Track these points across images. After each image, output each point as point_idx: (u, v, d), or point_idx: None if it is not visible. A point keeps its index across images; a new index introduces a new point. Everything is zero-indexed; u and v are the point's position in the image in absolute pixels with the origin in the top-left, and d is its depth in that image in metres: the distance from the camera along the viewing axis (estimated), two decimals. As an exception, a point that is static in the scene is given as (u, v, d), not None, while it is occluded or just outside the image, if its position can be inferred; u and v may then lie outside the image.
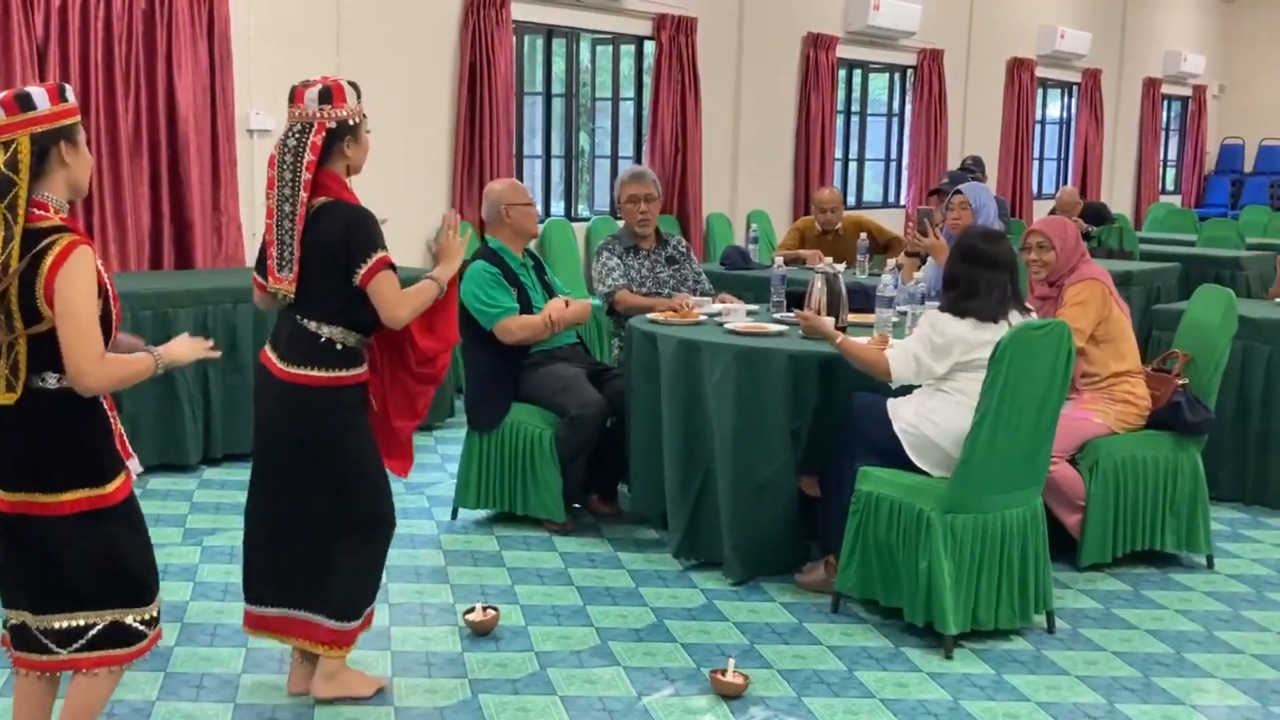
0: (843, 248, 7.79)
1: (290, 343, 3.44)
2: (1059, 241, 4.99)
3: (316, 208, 3.39)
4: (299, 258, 3.38)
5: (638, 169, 6.14)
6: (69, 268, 2.66)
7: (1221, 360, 4.92)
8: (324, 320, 3.42)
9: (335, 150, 3.41)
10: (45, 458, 2.76)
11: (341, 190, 3.44)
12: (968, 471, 4.03)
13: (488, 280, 5.18)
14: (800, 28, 11.09)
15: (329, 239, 3.38)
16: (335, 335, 3.42)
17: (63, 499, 2.76)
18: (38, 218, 2.73)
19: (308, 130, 3.37)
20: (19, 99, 2.74)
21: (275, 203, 3.38)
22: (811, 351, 4.60)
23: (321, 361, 3.41)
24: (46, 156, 2.75)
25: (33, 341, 2.70)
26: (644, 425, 4.94)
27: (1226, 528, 5.46)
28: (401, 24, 7.96)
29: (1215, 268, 9.04)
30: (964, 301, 4.22)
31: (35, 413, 2.75)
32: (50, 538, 2.78)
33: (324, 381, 3.41)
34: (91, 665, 2.87)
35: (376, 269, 3.38)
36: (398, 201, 7.98)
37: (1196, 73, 17.50)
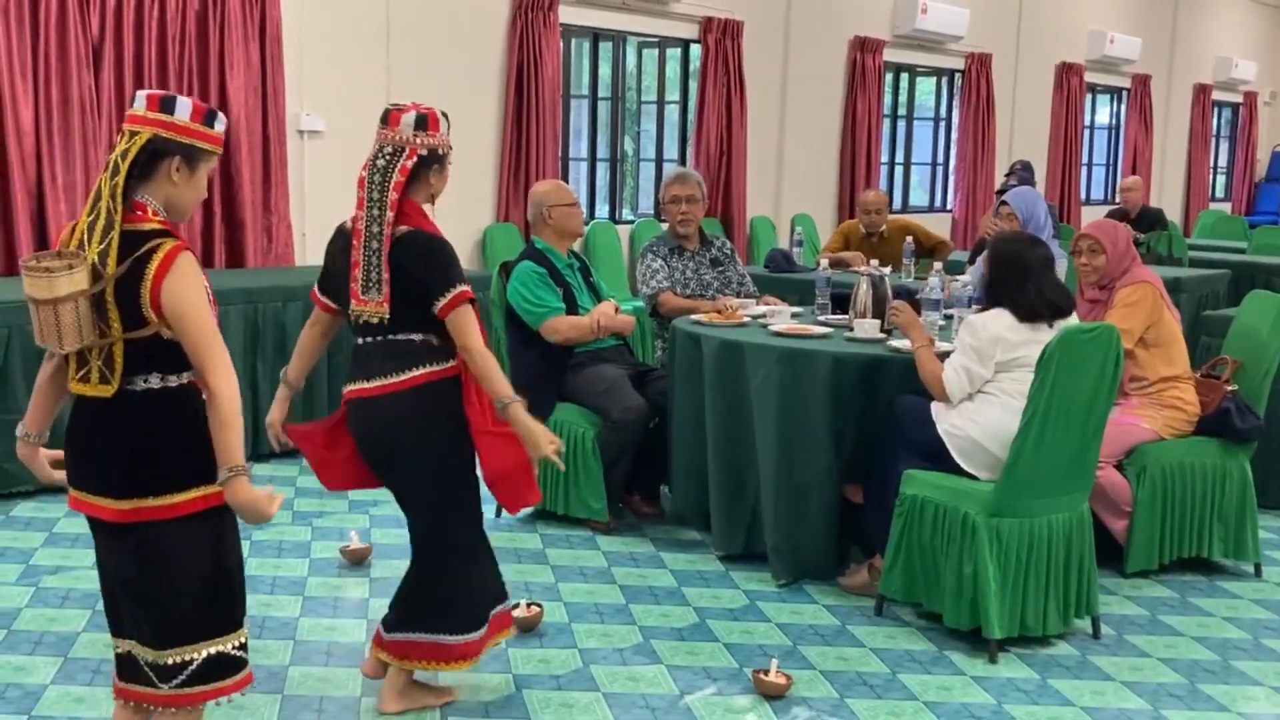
0: (888, 250, 7.78)
1: (387, 358, 3.41)
2: (1109, 245, 4.96)
3: (400, 234, 3.36)
4: (389, 279, 3.34)
5: (682, 170, 6.15)
6: (180, 275, 2.59)
7: (1271, 367, 4.87)
8: (414, 331, 3.40)
9: (422, 177, 3.41)
10: (158, 458, 2.66)
11: (421, 219, 3.42)
12: (1013, 476, 4.01)
13: (535, 280, 5.21)
14: (847, 31, 11.07)
15: (414, 267, 3.35)
16: (429, 339, 3.40)
17: (178, 500, 2.66)
18: (137, 218, 2.66)
19: (399, 154, 3.37)
20: (164, 100, 2.70)
21: (365, 224, 3.36)
22: (855, 354, 4.60)
23: (425, 360, 3.39)
24: (157, 163, 2.68)
25: (131, 344, 2.63)
26: (687, 426, 4.96)
27: (1275, 536, 5.40)
28: (450, 27, 8.03)
29: (1266, 275, 8.95)
30: (1003, 301, 4.22)
31: (140, 414, 2.67)
32: (169, 545, 2.68)
33: (434, 376, 3.39)
34: (199, 700, 2.76)
35: (457, 302, 3.35)
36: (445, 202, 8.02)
37: (1248, 79, 17.32)
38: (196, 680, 2.75)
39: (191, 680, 2.74)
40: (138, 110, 2.70)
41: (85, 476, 2.72)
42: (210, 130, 2.73)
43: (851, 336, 4.88)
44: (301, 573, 4.63)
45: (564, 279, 5.31)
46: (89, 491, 2.71)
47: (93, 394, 2.68)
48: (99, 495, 2.70)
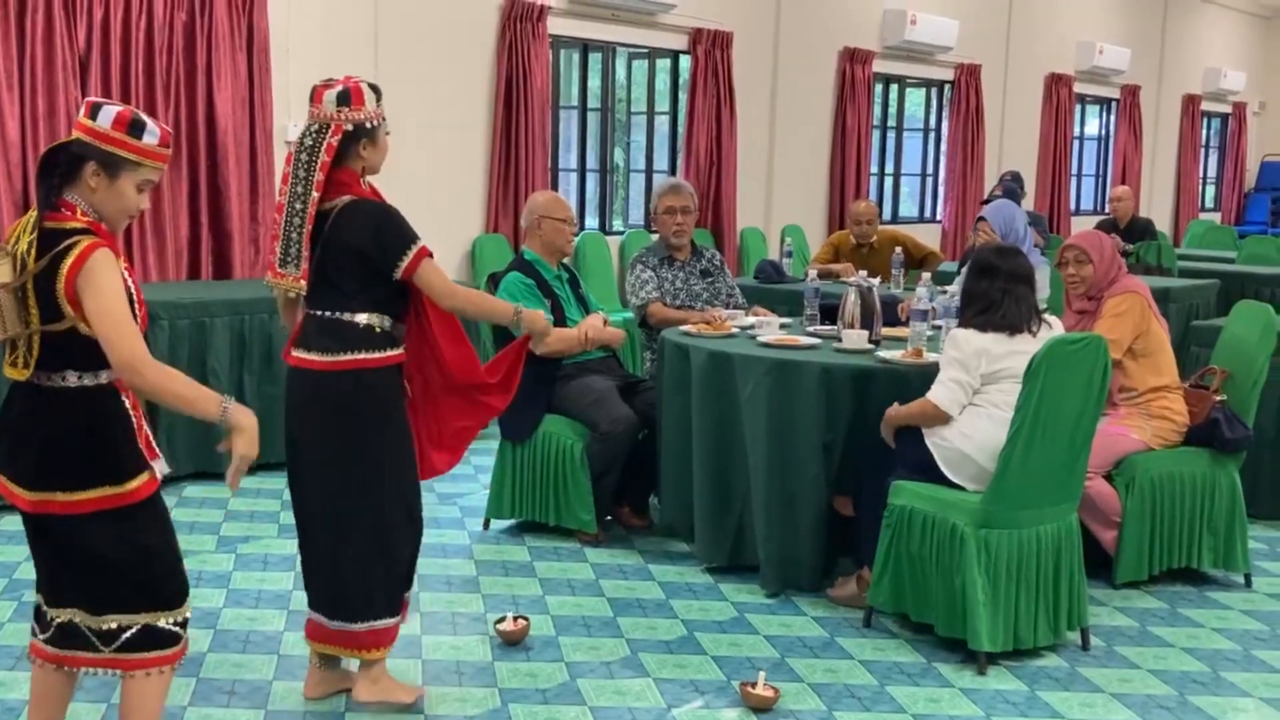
0: (877, 261, 7.77)
1: (325, 333, 3.45)
2: (1096, 255, 4.95)
3: (339, 206, 3.42)
4: (309, 256, 3.40)
5: (675, 181, 6.14)
6: (90, 268, 2.67)
7: (1260, 377, 4.86)
8: (358, 310, 3.44)
9: (351, 152, 3.44)
10: (64, 455, 2.76)
11: (359, 189, 3.46)
12: (1002, 487, 4.00)
13: (522, 291, 5.19)
14: (837, 42, 11.08)
15: (357, 238, 3.40)
16: (372, 320, 3.44)
17: (81, 497, 2.76)
18: (64, 217, 2.76)
19: (324, 131, 3.41)
20: (93, 106, 2.80)
21: (287, 199, 3.41)
22: (844, 365, 4.59)
23: (362, 345, 3.43)
24: (78, 167, 2.77)
25: (50, 338, 2.72)
26: (675, 438, 4.94)
27: (1265, 546, 5.39)
28: (439, 37, 8.02)
29: (1255, 285, 8.97)
30: (982, 315, 4.22)
31: (54, 411, 2.76)
32: (77, 536, 2.79)
33: (367, 364, 3.42)
34: (133, 666, 2.88)
35: (419, 259, 3.42)
36: (434, 213, 8.02)
37: (1236, 89, 17.37)
38: (134, 647, 2.87)
39: (128, 646, 2.86)
40: (78, 115, 2.82)
41: (6, 462, 2.83)
42: (134, 140, 2.80)
43: (840, 347, 4.86)
44: (287, 586, 4.60)
45: (552, 290, 5.30)
46: (8, 478, 2.83)
47: (15, 377, 2.79)
48: (15, 483, 2.82)
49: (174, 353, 5.78)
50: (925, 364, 4.55)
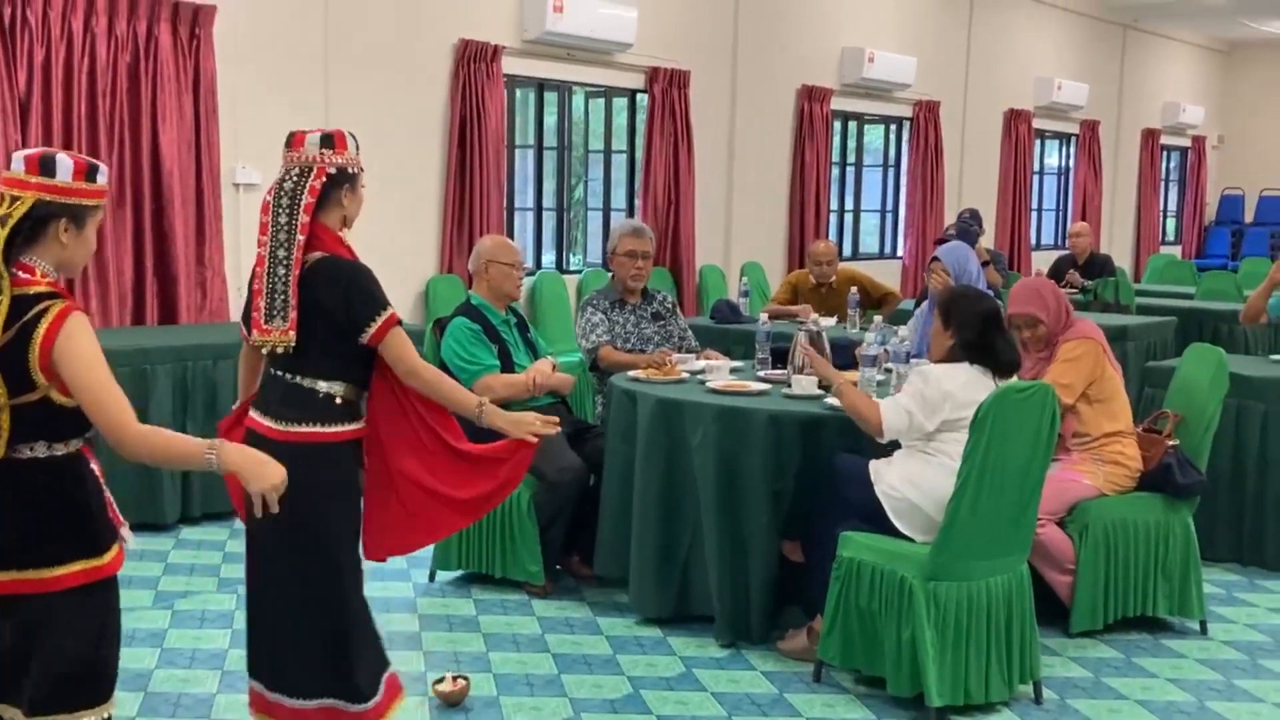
0: (836, 301, 7.73)
1: (285, 401, 3.28)
2: (1044, 313, 4.87)
3: (312, 262, 3.24)
4: (296, 304, 3.21)
5: (636, 224, 6.07)
6: (69, 335, 2.52)
7: (1212, 421, 4.82)
8: (321, 377, 3.27)
9: (333, 199, 3.28)
10: (38, 530, 2.58)
11: (336, 245, 3.29)
12: (950, 538, 3.92)
13: (468, 337, 5.10)
14: (794, 80, 11.09)
15: (328, 298, 3.23)
16: (335, 390, 3.28)
17: (58, 573, 2.58)
18: (23, 281, 2.59)
19: (306, 174, 3.24)
20: (42, 161, 2.63)
21: (268, 249, 3.23)
22: (792, 412, 4.52)
23: (321, 417, 3.26)
24: (44, 226, 2.61)
25: (19, 410, 2.55)
26: (616, 487, 4.85)
27: (1222, 590, 5.34)
28: (391, 77, 7.95)
29: (1214, 321, 8.97)
30: (954, 355, 4.15)
31: (24, 484, 2.59)
32: (45, 618, 2.59)
33: (324, 438, 3.26)
34: None
35: (387, 327, 3.25)
36: (387, 254, 7.93)
37: (1195, 123, 17.52)
38: None
39: None
40: (16, 173, 2.61)
41: None
42: (93, 186, 2.66)
43: (789, 393, 4.79)
44: (223, 644, 4.47)
45: (499, 335, 5.21)
46: None
47: None
48: None
49: (113, 401, 5.64)
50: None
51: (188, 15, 6.84)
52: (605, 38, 8.98)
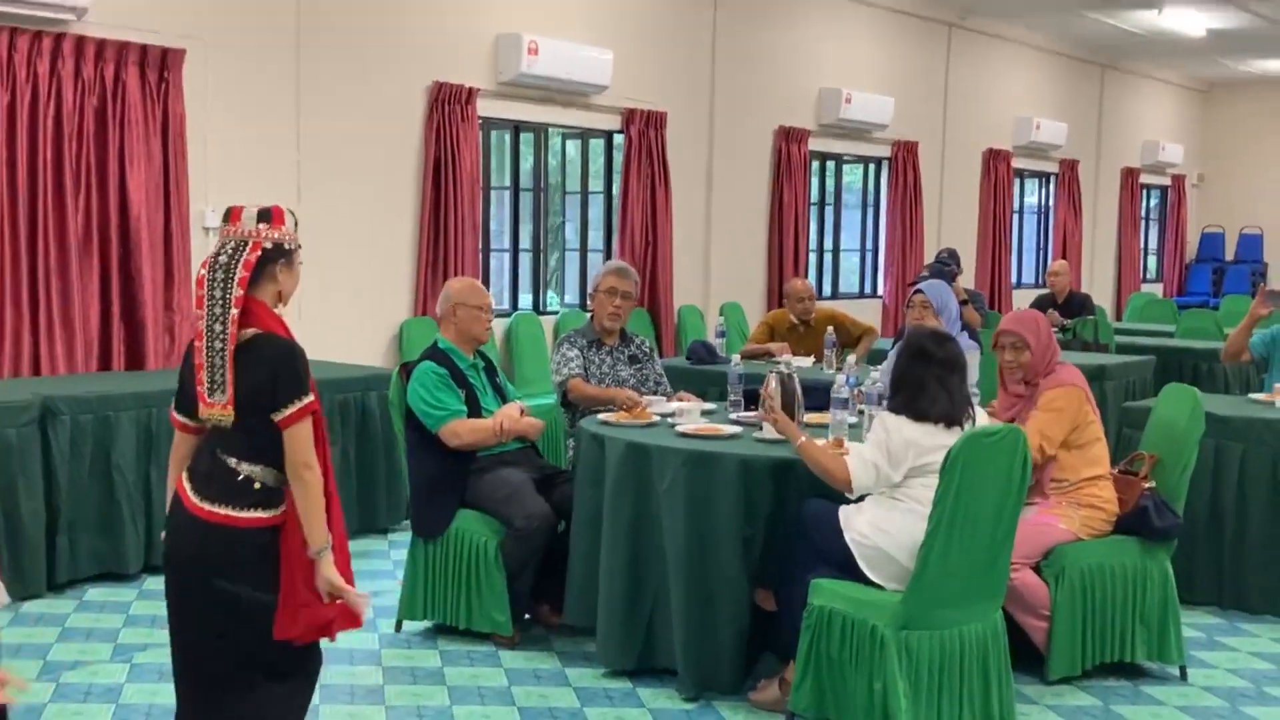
0: (814, 341, 7.68)
1: (209, 478, 3.19)
2: (1034, 340, 4.83)
3: (247, 338, 3.17)
4: (232, 380, 3.14)
5: (622, 264, 6.01)
6: None
7: (1189, 462, 4.75)
8: (243, 458, 3.17)
9: (267, 274, 3.22)
10: None
11: (270, 321, 3.22)
12: (921, 586, 3.84)
13: (435, 381, 5.02)
14: (772, 121, 11.08)
15: (257, 374, 3.15)
16: (254, 474, 3.17)
17: None
18: None
19: (241, 248, 3.19)
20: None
21: (206, 324, 3.16)
22: (763, 456, 4.44)
23: (237, 500, 3.16)
24: None
25: None
26: (585, 534, 4.76)
27: (1202, 634, 5.25)
28: (364, 120, 7.91)
29: (1193, 360, 8.94)
30: (915, 403, 4.09)
31: None
32: None
33: (236, 523, 3.15)
34: None
35: (302, 415, 3.15)
36: (361, 296, 7.88)
37: (1175, 162, 17.58)
38: None
39: None
40: None
41: None
42: None
43: (760, 437, 4.71)
44: (117, 716, 4.33)
45: (466, 380, 5.13)
46: None
47: None
48: None
49: (75, 449, 5.55)
50: (846, 455, 4.39)
51: (156, 58, 6.79)
52: (581, 79, 8.96)
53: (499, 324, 8.82)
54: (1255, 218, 18.62)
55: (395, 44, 8.05)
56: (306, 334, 7.43)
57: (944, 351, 4.15)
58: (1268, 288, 6.36)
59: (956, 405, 4.08)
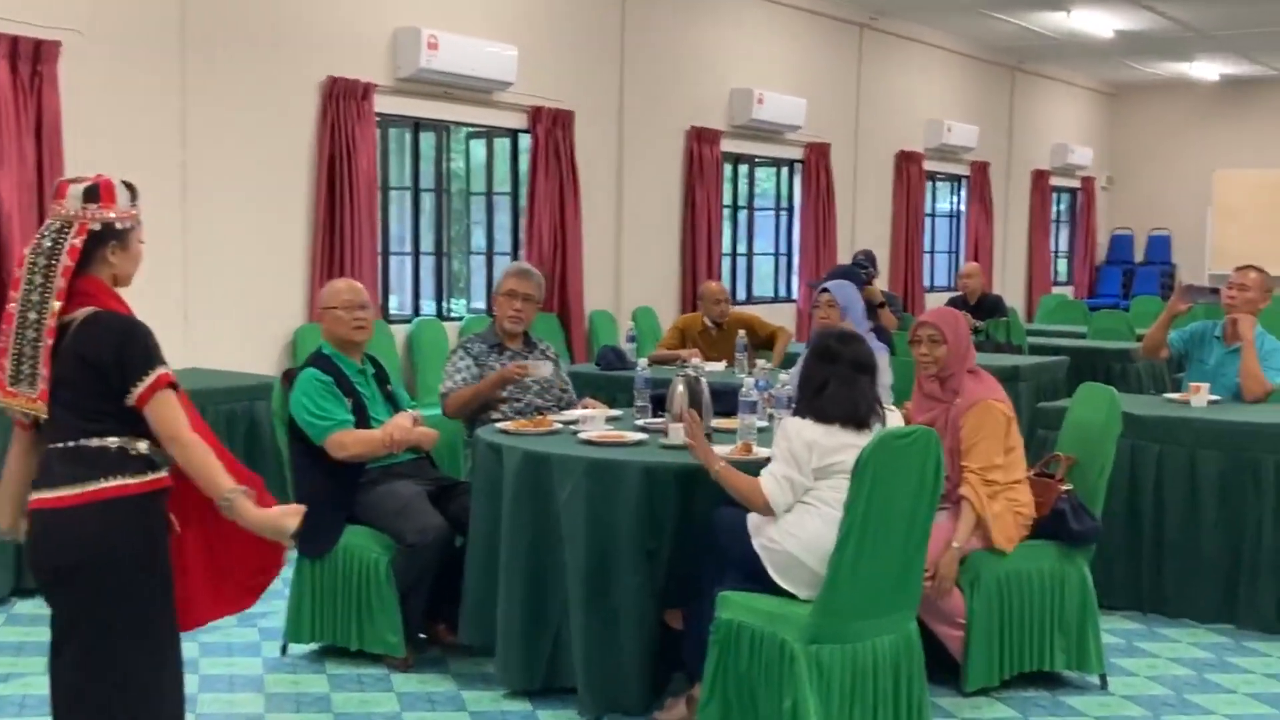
0: (727, 345, 7.50)
1: (67, 463, 2.92)
2: (951, 335, 4.65)
3: (81, 318, 2.92)
4: (49, 376, 2.91)
5: (525, 266, 5.77)
6: None
7: (1107, 463, 4.60)
8: (107, 434, 2.93)
9: (98, 256, 2.96)
10: None
11: (109, 299, 2.98)
12: (833, 596, 3.64)
13: (318, 390, 4.73)
14: (683, 122, 10.89)
15: (98, 354, 2.90)
16: (125, 444, 2.94)
17: None
18: None
19: (66, 230, 2.93)
20: None
21: (18, 309, 2.91)
22: (668, 464, 4.21)
23: (116, 470, 2.91)
24: None
25: None
26: (481, 549, 4.49)
27: (1122, 640, 5.12)
28: (254, 116, 7.56)
29: (1106, 361, 8.88)
30: (817, 403, 3.90)
31: None
32: None
33: (126, 491, 2.91)
34: None
35: (156, 388, 2.91)
36: (252, 302, 7.53)
37: (1085, 164, 17.71)
38: None
39: None
40: None
41: None
42: None
43: (666, 443, 4.49)
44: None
45: (353, 387, 4.84)
46: None
47: None
48: None
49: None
50: (754, 460, 4.19)
51: (28, 51, 6.41)
52: (484, 76, 8.69)
53: (400, 330, 8.51)
54: (1164, 219, 18.83)
55: (287, 37, 7.72)
56: (193, 341, 7.20)
57: (849, 351, 3.97)
58: (1186, 283, 6.25)
59: (862, 406, 3.89)
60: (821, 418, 3.87)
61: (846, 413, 3.87)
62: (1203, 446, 5.36)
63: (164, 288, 6.89)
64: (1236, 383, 5.88)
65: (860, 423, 3.88)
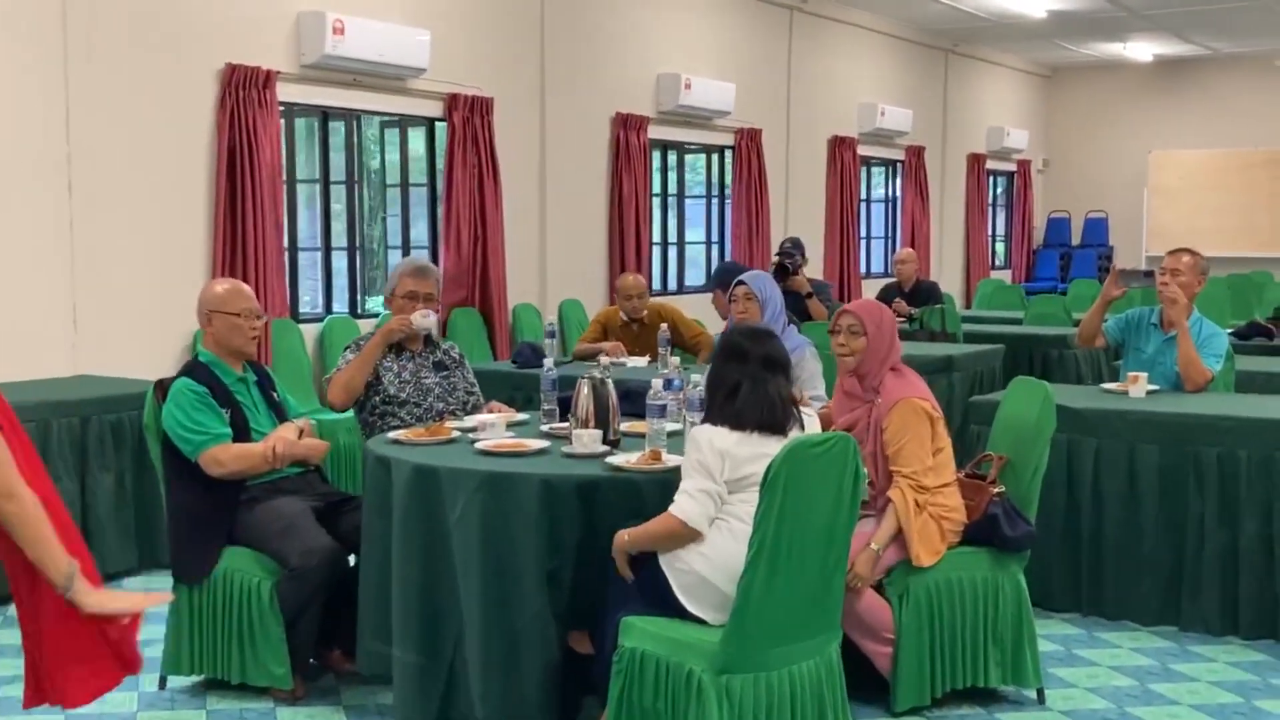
0: (650, 338, 7.15)
1: None
2: (872, 328, 4.34)
3: None
4: None
5: (419, 262, 5.40)
6: None
7: (1041, 463, 4.32)
8: None
9: None
10: None
11: None
12: (743, 621, 3.32)
13: (192, 401, 4.34)
14: (608, 108, 10.54)
15: None
16: None
17: None
18: None
19: None
20: None
21: None
22: (568, 475, 3.87)
23: None
24: None
25: None
26: (375, 570, 4.14)
27: (1060, 647, 4.85)
28: (146, 106, 7.11)
29: (1043, 348, 8.64)
30: (729, 409, 3.60)
31: None
32: None
33: None
34: None
35: None
36: (147, 304, 7.10)
37: (1020, 147, 17.56)
38: None
39: None
40: None
41: None
42: None
43: (569, 451, 4.15)
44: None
45: (232, 397, 4.46)
46: None
47: None
48: None
49: None
50: (663, 469, 3.87)
51: (-111, 37, 5.96)
52: (395, 62, 8.29)
53: (310, 330, 8.11)
54: (1100, 202, 18.74)
55: (182, 22, 7.27)
56: (82, 347, 6.76)
57: (761, 349, 3.66)
58: (1120, 268, 5.96)
59: (777, 410, 3.58)
60: (734, 424, 3.57)
61: (761, 417, 3.57)
62: (1142, 440, 5.11)
63: (50, 290, 6.45)
64: (1176, 371, 5.63)
65: (776, 427, 3.58)
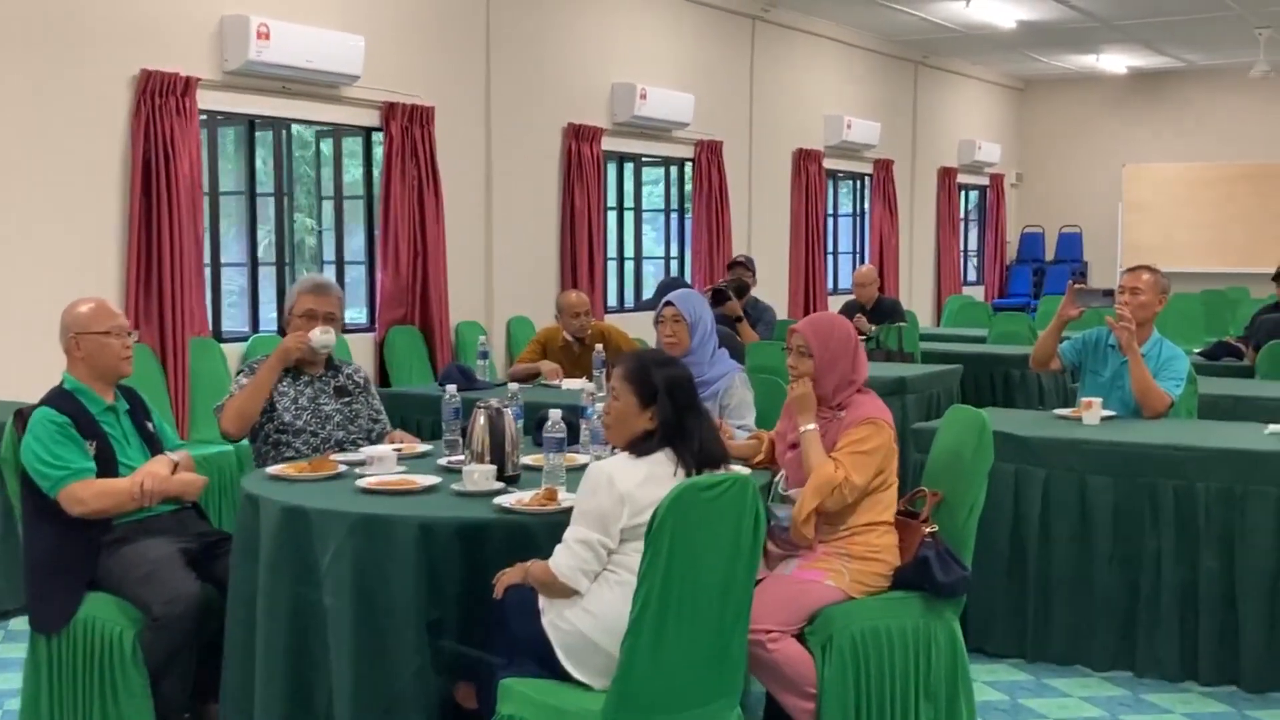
0: (589, 360, 6.79)
1: None
2: (818, 351, 3.97)
3: None
4: None
5: (319, 278, 5.05)
6: None
7: (977, 501, 3.95)
8: None
9: None
10: None
11: None
12: (628, 687, 2.95)
13: (52, 433, 3.96)
14: (559, 118, 10.18)
15: None
16: None
17: None
18: None
19: None
20: None
21: None
22: (449, 518, 3.51)
23: None
24: None
25: None
26: (242, 619, 3.76)
27: (1005, 696, 4.49)
28: (54, 115, 6.73)
29: (1005, 367, 8.32)
30: (640, 443, 3.25)
31: None
32: None
33: None
34: None
35: None
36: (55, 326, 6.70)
37: (993, 161, 17.28)
38: None
39: None
40: None
41: None
42: None
43: (459, 489, 3.78)
44: None
45: (98, 428, 4.08)
46: None
47: None
48: None
49: None
50: (557, 510, 3.51)
51: None
52: (326, 69, 7.92)
53: (233, 350, 7.72)
54: (1074, 216, 18.47)
55: (92, 26, 6.89)
56: (-14, 370, 6.37)
57: (670, 373, 3.33)
58: (1078, 286, 5.61)
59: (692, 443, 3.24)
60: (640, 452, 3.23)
61: (681, 451, 3.24)
62: (1094, 471, 4.76)
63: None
64: (1135, 396, 5.29)
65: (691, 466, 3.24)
